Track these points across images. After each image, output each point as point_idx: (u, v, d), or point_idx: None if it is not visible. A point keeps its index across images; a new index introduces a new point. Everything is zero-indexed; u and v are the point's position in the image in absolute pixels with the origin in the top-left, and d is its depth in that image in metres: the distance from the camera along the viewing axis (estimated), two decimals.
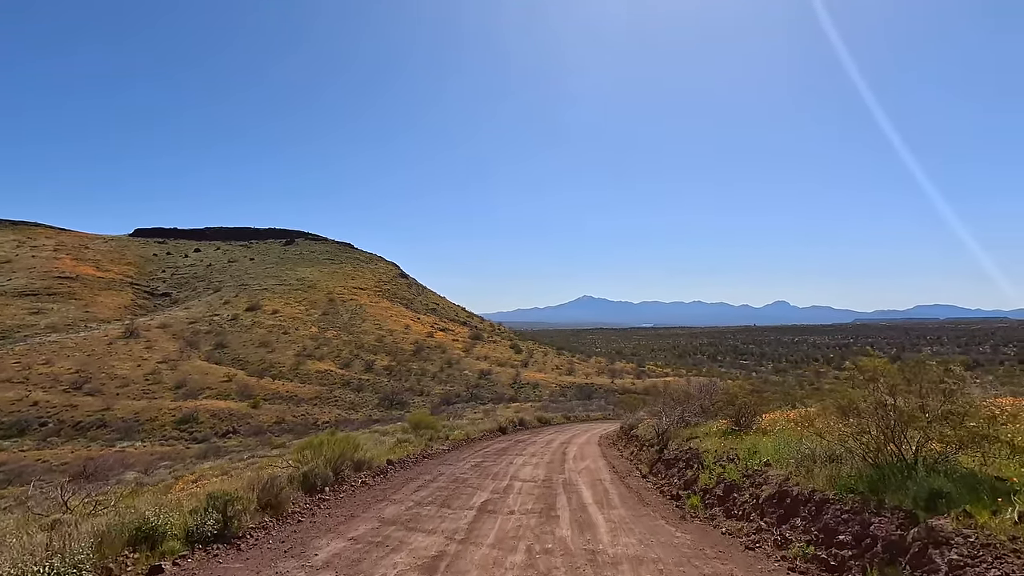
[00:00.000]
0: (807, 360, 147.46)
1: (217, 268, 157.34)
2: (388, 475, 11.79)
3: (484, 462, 14.38)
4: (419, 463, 13.85)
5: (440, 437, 17.13)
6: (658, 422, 12.90)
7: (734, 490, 8.60)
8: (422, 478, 11.70)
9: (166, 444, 41.11)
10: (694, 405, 13.52)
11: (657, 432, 12.79)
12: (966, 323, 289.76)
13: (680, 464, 11.22)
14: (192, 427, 46.44)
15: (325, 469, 9.32)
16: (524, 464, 14.15)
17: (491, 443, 19.17)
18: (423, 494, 10.06)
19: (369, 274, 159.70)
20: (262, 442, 37.27)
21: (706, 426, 12.69)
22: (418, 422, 16.72)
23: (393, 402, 62.12)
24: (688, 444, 11.64)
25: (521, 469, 13.20)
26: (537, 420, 27.12)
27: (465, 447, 17.73)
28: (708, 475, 9.54)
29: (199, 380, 60.35)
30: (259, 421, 48.74)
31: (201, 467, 18.68)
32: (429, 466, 13.48)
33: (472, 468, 13.22)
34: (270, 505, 7.80)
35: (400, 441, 14.86)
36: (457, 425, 21.99)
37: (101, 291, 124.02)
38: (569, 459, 14.97)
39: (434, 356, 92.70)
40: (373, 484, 10.70)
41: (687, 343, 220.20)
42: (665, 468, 11.76)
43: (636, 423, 17.41)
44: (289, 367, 73.73)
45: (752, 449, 9.24)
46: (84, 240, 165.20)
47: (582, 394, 69.02)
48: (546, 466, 13.67)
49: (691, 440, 11.83)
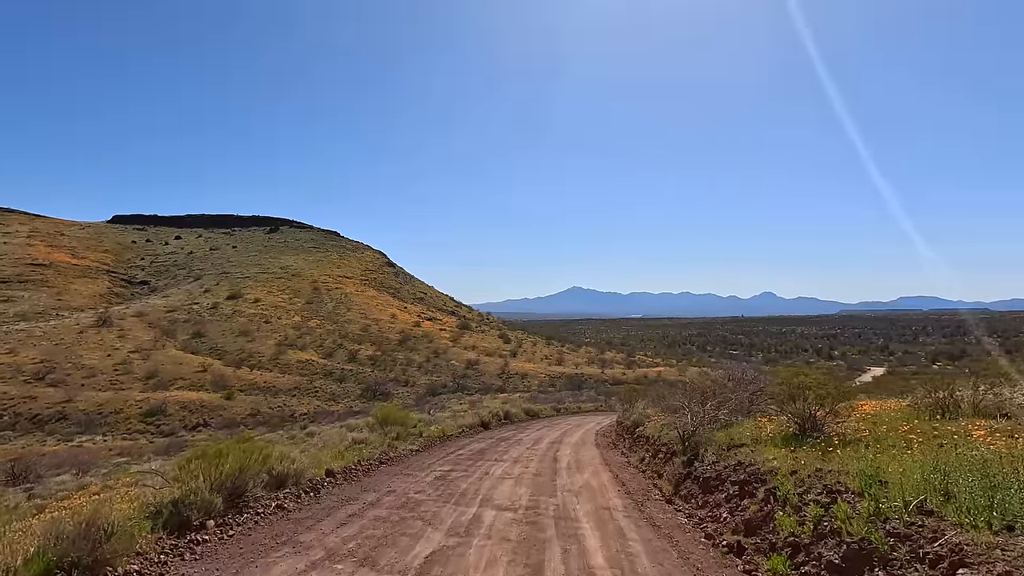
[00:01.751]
0: (796, 351, 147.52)
1: (198, 256, 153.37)
2: (320, 493, 9.16)
3: (453, 472, 11.60)
4: (371, 472, 11.24)
5: (412, 434, 14.90)
6: (680, 420, 9.78)
7: (871, 562, 4.63)
8: (362, 499, 8.87)
9: (129, 438, 38.60)
10: (731, 399, 10.34)
11: (681, 435, 9.59)
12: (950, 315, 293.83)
13: (727, 487, 7.74)
14: (160, 420, 43.90)
15: (210, 495, 6.50)
16: (503, 476, 11.22)
17: (469, 442, 16.84)
18: (347, 533, 7.08)
19: (355, 263, 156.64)
20: (232, 436, 34.99)
21: (744, 426, 9.77)
22: (385, 417, 14.40)
23: (376, 393, 59.95)
24: (734, 455, 8.36)
25: (498, 486, 10.16)
26: (524, 413, 25.08)
27: (437, 447, 15.27)
28: (792, 517, 5.92)
29: (172, 370, 57.63)
30: (232, 413, 46.34)
31: (134, 469, 16.43)
32: (381, 478, 10.75)
33: (434, 483, 10.41)
34: (86, 568, 4.90)
35: (355, 442, 12.41)
36: (435, 419, 19.90)
37: (75, 279, 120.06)
38: (562, 468, 12.23)
39: (420, 346, 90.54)
40: (291, 510, 8.02)
41: (676, 333, 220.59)
42: (701, 490, 8.43)
43: (641, 419, 14.60)
44: (269, 357, 71.15)
45: (870, 474, 5.52)
46: (59, 227, 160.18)
47: (572, 384, 67.35)
48: (532, 480, 10.80)
49: (736, 449, 8.64)
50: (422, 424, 16.84)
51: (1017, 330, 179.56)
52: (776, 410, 8.89)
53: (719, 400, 10.14)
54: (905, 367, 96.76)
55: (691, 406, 9.95)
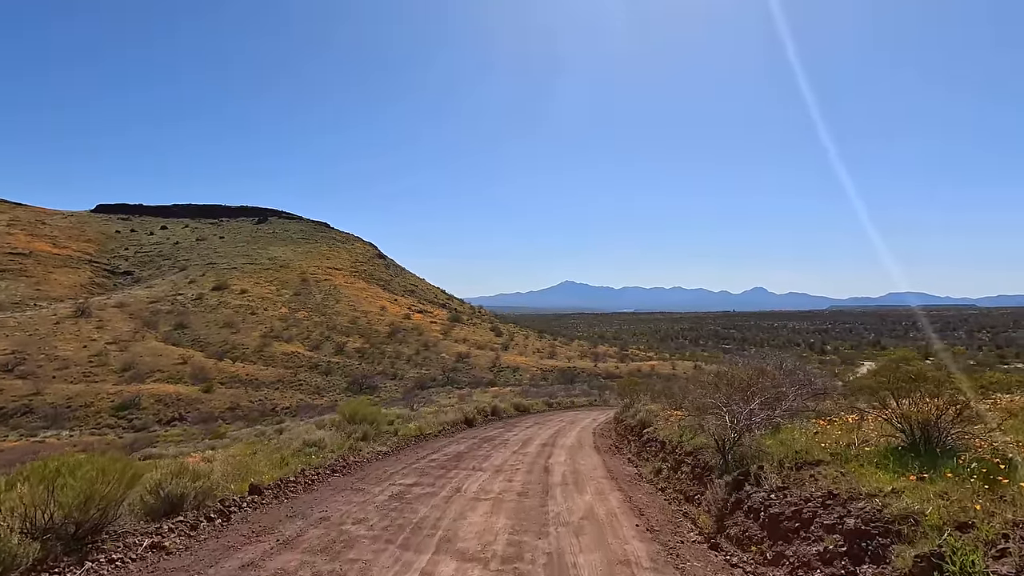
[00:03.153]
0: (789, 345, 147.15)
1: (184, 246, 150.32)
2: (230, 521, 6.91)
3: (416, 486, 9.15)
4: (315, 486, 8.97)
5: (387, 432, 13.25)
6: (714, 423, 7.20)
7: None
8: (278, 533, 6.55)
9: (97, 433, 36.68)
10: (786, 395, 7.58)
11: (719, 443, 7.05)
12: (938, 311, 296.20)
13: (820, 535, 4.82)
14: (132, 414, 41.90)
15: (19, 543, 4.33)
16: (479, 495, 8.53)
17: (448, 442, 14.68)
18: None
19: (345, 254, 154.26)
20: (207, 431, 33.20)
21: (794, 431, 7.13)
22: (353, 413, 12.67)
23: (363, 386, 58.21)
24: (811, 479, 5.59)
25: (468, 513, 7.53)
26: (514, 408, 23.48)
27: (410, 449, 13.24)
28: None
29: (150, 362, 55.50)
30: (211, 407, 44.39)
31: None
32: (323, 495, 8.34)
33: (386, 505, 7.86)
34: None
35: (308, 444, 10.37)
36: (416, 415, 18.25)
37: (55, 268, 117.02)
38: (555, 483, 9.73)
39: (410, 338, 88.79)
40: (174, 551, 5.75)
41: (668, 328, 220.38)
42: (767, 533, 5.57)
43: (649, 418, 12.31)
44: (253, 349, 69.10)
45: None
46: (41, 215, 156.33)
47: (564, 378, 65.95)
48: (515, 504, 8.06)
49: (811, 468, 5.81)
50: (400, 421, 15.19)
51: (1005, 326, 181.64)
52: (866, 409, 6.52)
53: (769, 396, 7.36)
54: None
55: (731, 404, 7.12)
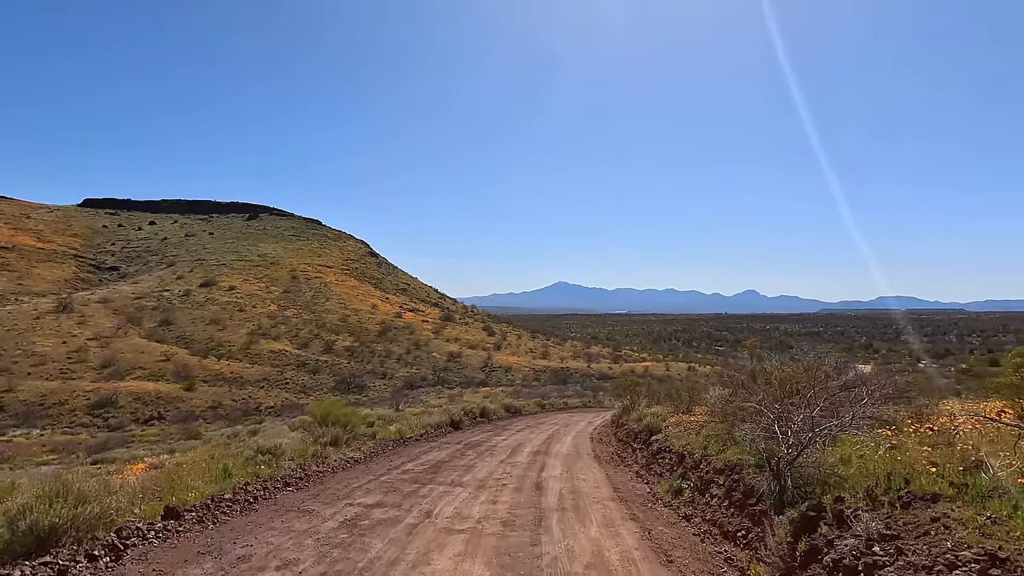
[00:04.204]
0: (782, 348, 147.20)
1: (173, 242, 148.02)
2: (119, 561, 5.35)
3: (376, 509, 7.36)
4: (257, 504, 7.33)
5: (362, 435, 12.09)
6: (759, 435, 5.48)
7: None
8: None
9: (70, 432, 35.18)
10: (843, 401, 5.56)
11: (767, 461, 5.29)
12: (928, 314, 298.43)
13: None
14: (108, 412, 40.39)
15: None
16: (452, 525, 6.77)
17: (428, 448, 13.06)
18: None
19: (337, 252, 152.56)
20: (185, 431, 31.85)
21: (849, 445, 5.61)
22: (325, 415, 11.47)
23: (351, 385, 56.91)
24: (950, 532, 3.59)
25: (434, 557, 5.58)
26: (505, 409, 22.39)
27: (384, 456, 11.76)
28: None
29: (131, 359, 53.88)
30: (192, 405, 42.94)
31: None
32: (260, 519, 6.73)
33: (331, 536, 6.14)
34: None
35: (261, 452, 8.71)
36: (401, 415, 17.14)
37: (39, 263, 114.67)
38: (550, 508, 7.78)
39: (401, 337, 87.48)
40: None
41: (661, 329, 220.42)
42: None
43: (655, 423, 10.76)
44: (240, 346, 67.55)
45: None
46: (26, 209, 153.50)
47: (557, 379, 64.96)
48: (497, 540, 6.24)
49: (934, 508, 3.94)
50: (381, 423, 14.08)
51: (995, 330, 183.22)
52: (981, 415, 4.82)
53: (833, 399, 5.55)
54: (891, 364, 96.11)
55: (784, 411, 5.31)
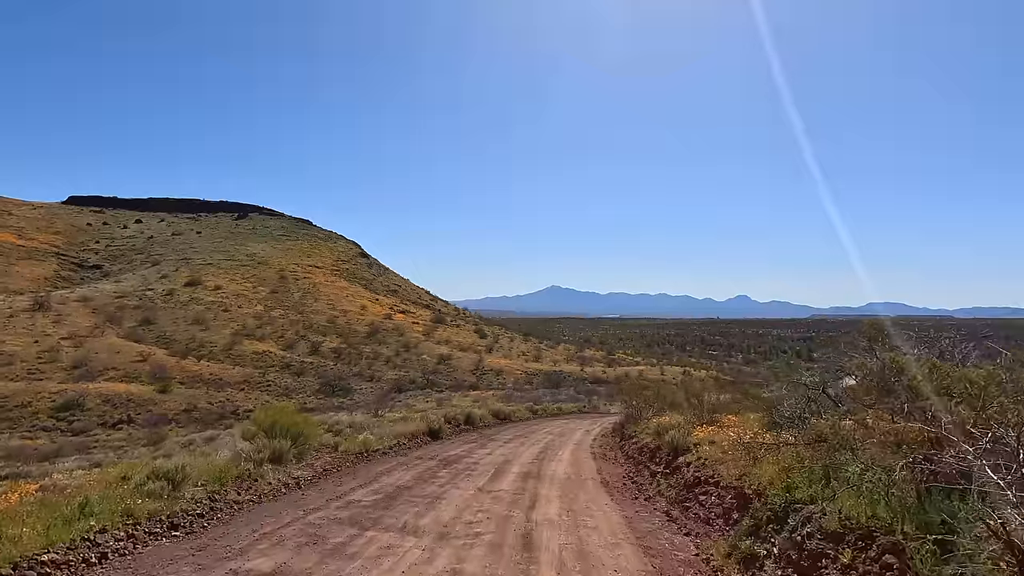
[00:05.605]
0: (775, 352, 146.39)
1: (159, 241, 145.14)
2: None
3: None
4: (91, 570, 5.28)
5: (324, 447, 10.37)
6: (1009, 508, 2.95)
7: None
8: None
9: (30, 436, 33.06)
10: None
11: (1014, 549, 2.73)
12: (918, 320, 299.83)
13: None
14: (75, 415, 38.24)
15: None
16: None
17: (394, 466, 10.76)
18: None
19: (327, 252, 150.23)
20: (153, 436, 29.85)
21: None
22: (273, 423, 9.52)
23: (335, 388, 54.92)
24: None
25: None
26: (493, 415, 20.71)
27: (335, 477, 9.56)
28: None
29: (105, 359, 51.62)
30: (164, 408, 40.80)
31: None
32: None
33: None
34: None
35: (155, 477, 6.55)
36: (377, 422, 15.37)
37: (19, 260, 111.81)
38: None
39: (390, 339, 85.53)
40: None
41: (654, 333, 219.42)
42: None
43: (681, 440, 8.20)
44: (222, 347, 65.34)
45: None
46: (8, 206, 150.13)
47: (550, 382, 63.26)
48: None
49: None
50: (351, 431, 12.32)
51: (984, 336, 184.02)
52: None
53: None
54: None
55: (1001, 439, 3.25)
